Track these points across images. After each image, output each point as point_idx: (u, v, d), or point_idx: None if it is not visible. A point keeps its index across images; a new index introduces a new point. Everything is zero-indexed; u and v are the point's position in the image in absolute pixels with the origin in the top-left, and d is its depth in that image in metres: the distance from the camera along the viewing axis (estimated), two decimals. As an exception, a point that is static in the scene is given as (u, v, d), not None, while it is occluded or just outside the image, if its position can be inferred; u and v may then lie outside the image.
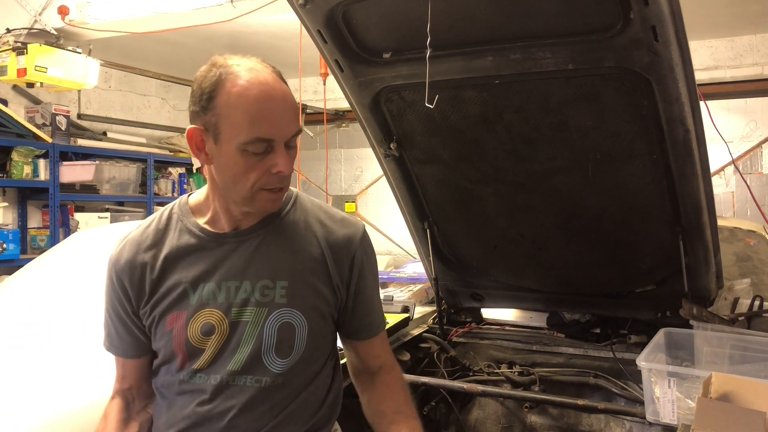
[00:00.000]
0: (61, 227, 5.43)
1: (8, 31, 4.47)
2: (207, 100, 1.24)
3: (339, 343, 1.49)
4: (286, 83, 1.30)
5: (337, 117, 7.42)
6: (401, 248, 7.01)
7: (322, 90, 4.84)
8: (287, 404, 1.33)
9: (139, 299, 1.38)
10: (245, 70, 1.25)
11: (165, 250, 1.38)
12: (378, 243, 7.17)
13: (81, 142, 5.79)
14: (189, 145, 1.31)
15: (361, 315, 1.43)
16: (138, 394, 1.47)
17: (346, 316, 1.43)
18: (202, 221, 1.39)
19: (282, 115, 1.25)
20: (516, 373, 2.30)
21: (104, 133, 6.32)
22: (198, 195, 1.43)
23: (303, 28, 1.85)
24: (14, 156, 5.11)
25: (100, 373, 1.64)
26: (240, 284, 1.33)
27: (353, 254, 1.39)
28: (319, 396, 1.39)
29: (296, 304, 1.33)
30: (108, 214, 5.91)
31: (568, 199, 2.07)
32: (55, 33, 4.52)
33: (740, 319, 2.05)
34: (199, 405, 1.32)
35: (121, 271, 1.39)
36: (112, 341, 1.45)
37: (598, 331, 2.45)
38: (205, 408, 1.32)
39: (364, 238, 1.43)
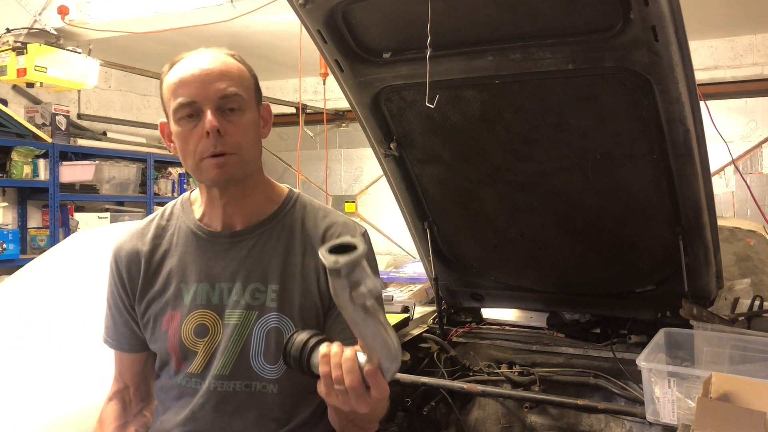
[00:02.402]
0: (61, 227, 5.43)
1: (8, 31, 4.47)
2: (159, 89, 1.33)
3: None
4: (243, 64, 1.32)
5: (337, 117, 7.42)
6: (401, 248, 7.01)
7: (322, 90, 4.84)
8: (283, 412, 1.31)
9: (134, 292, 1.38)
10: (186, 55, 1.31)
11: (164, 246, 1.38)
12: (378, 243, 7.17)
13: (81, 142, 5.79)
14: (163, 139, 1.36)
15: (340, 320, 1.24)
16: (135, 395, 1.46)
17: (328, 321, 1.33)
18: (199, 218, 1.39)
19: (202, 77, 1.25)
20: (516, 373, 2.30)
21: (104, 133, 6.32)
22: (197, 192, 1.43)
23: (303, 28, 1.85)
24: (14, 156, 5.12)
25: (100, 374, 1.63)
26: (232, 286, 1.32)
27: None
28: (320, 406, 1.35)
29: (286, 308, 1.31)
30: (108, 214, 5.91)
31: (568, 199, 2.07)
32: (55, 33, 4.52)
33: (740, 319, 2.05)
34: (193, 410, 1.31)
35: (121, 261, 1.39)
36: (109, 333, 1.45)
37: (598, 331, 2.45)
38: (198, 413, 1.30)
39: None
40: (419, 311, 2.62)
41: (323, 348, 1.08)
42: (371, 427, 1.32)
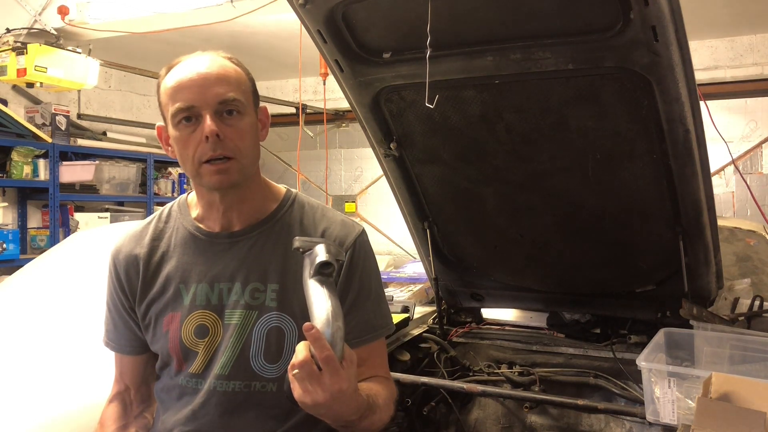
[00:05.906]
0: (61, 227, 5.43)
1: (8, 31, 4.47)
2: (157, 93, 1.33)
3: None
4: (240, 67, 1.32)
5: (337, 117, 7.42)
6: (401, 248, 7.01)
7: (322, 90, 4.84)
8: (282, 410, 1.31)
9: (134, 294, 1.38)
10: (183, 58, 1.31)
11: (162, 247, 1.39)
12: (378, 243, 7.16)
13: (81, 142, 5.79)
14: (160, 143, 1.36)
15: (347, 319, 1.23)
16: (136, 396, 1.46)
17: None
18: (197, 220, 1.40)
19: (200, 81, 1.26)
20: (516, 373, 2.30)
21: (104, 133, 6.32)
22: (194, 194, 1.43)
23: (303, 28, 1.85)
24: (14, 156, 5.11)
25: (100, 374, 1.63)
26: (231, 286, 1.32)
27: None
28: None
29: (286, 308, 1.31)
30: (108, 214, 5.91)
31: (568, 199, 2.07)
32: (55, 33, 4.52)
33: (740, 319, 2.05)
34: (193, 409, 1.31)
35: (120, 263, 1.40)
36: (110, 335, 1.45)
37: (598, 331, 2.45)
38: (198, 413, 1.31)
39: (359, 242, 1.37)
40: (419, 311, 2.61)
41: None
42: None
